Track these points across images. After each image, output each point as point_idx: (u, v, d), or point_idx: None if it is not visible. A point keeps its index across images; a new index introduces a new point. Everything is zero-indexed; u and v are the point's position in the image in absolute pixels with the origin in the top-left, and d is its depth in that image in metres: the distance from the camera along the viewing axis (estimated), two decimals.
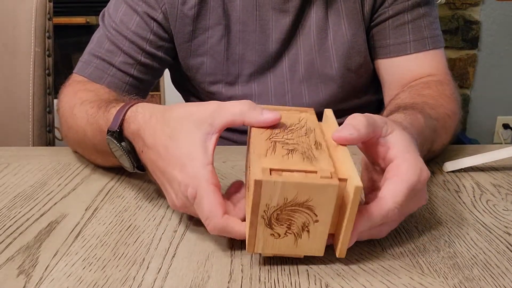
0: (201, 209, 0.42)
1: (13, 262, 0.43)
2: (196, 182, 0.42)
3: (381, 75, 0.81)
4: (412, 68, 0.76)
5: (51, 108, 1.00)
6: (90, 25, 2.22)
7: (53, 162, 0.67)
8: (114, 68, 0.74)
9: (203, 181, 0.42)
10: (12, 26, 0.97)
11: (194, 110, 0.45)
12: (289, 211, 0.38)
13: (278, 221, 0.38)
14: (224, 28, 0.75)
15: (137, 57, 0.74)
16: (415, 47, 0.76)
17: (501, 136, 2.35)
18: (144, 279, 0.40)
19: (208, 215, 0.41)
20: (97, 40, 0.76)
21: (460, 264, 0.42)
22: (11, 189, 0.58)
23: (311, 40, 0.77)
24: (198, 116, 0.44)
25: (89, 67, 0.74)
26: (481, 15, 2.19)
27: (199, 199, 0.42)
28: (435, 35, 0.77)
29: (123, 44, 0.74)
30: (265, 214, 0.38)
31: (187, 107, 0.45)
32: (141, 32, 0.74)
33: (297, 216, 0.38)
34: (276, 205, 0.37)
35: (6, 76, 0.97)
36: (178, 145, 0.44)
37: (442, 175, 0.62)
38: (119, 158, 0.53)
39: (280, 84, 0.79)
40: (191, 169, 0.42)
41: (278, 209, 0.38)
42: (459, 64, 2.25)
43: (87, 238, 0.47)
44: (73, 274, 0.41)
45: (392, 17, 0.76)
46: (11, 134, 0.97)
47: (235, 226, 0.42)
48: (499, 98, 2.30)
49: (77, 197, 0.56)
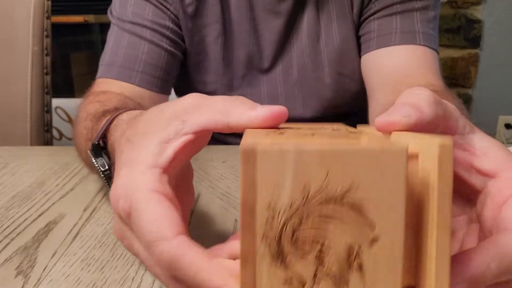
0: (139, 229, 0.25)
1: (11, 262, 0.42)
2: (129, 191, 0.26)
3: (364, 74, 0.70)
4: (400, 63, 0.64)
5: (49, 108, 1.00)
6: (88, 24, 2.22)
7: (51, 162, 0.66)
8: (142, 63, 0.67)
9: (141, 189, 0.25)
10: (10, 24, 0.96)
11: (167, 106, 0.29)
12: (317, 220, 0.19)
13: (297, 244, 0.19)
14: (221, 27, 0.74)
15: (163, 45, 0.68)
16: (402, 38, 0.64)
17: (503, 135, 2.35)
18: (142, 280, 0.40)
19: (149, 237, 0.24)
20: (115, 37, 0.70)
21: None
22: (9, 189, 0.58)
23: (303, 44, 0.75)
24: (169, 112, 0.28)
25: (113, 68, 0.67)
26: (483, 14, 2.18)
27: (135, 215, 0.25)
28: (428, 34, 0.67)
29: (144, 34, 0.67)
30: (270, 231, 0.19)
31: (162, 105, 0.31)
32: (159, 20, 0.69)
33: (332, 231, 0.19)
34: (290, 206, 0.19)
35: (4, 75, 0.97)
36: (131, 148, 0.29)
37: None
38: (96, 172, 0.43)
39: (273, 87, 0.78)
40: (128, 175, 0.27)
41: (296, 214, 0.19)
42: (461, 63, 2.25)
43: (85, 239, 0.46)
44: (71, 274, 0.40)
45: (380, 10, 0.68)
46: (8, 133, 0.97)
47: (200, 260, 0.23)
48: (501, 98, 2.30)
49: (75, 197, 0.56)
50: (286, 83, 0.77)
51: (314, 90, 0.77)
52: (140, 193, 0.25)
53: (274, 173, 0.19)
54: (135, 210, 0.25)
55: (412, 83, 0.60)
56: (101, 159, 0.42)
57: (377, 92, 0.67)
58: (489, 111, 2.32)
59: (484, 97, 2.30)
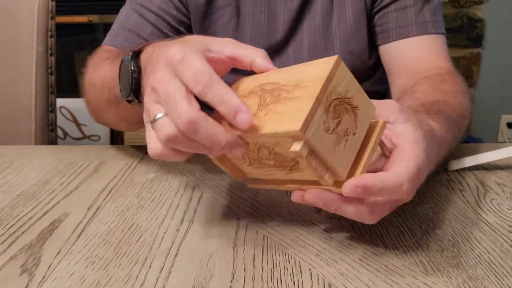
0: (217, 93, 0.37)
1: (16, 261, 0.43)
2: (185, 49, 0.38)
3: (385, 62, 0.81)
4: (415, 52, 0.76)
5: (54, 107, 1.00)
6: (92, 24, 2.23)
7: (55, 161, 0.67)
8: (143, 40, 0.75)
9: (194, 50, 0.38)
10: (15, 25, 0.97)
11: (209, 37, 0.43)
12: (344, 108, 0.37)
13: (334, 111, 0.36)
14: (234, 9, 0.78)
15: (163, 30, 0.77)
16: (417, 29, 0.76)
17: (506, 135, 2.34)
18: (146, 278, 0.40)
19: (199, 70, 0.37)
20: (125, 14, 0.78)
21: (464, 264, 0.42)
22: (14, 187, 0.59)
23: (316, 23, 0.79)
24: (212, 39, 0.42)
25: (118, 39, 0.76)
26: (485, 13, 2.18)
27: (187, 60, 0.37)
28: (437, 21, 0.78)
29: (149, 17, 0.76)
30: (330, 96, 0.36)
31: (205, 37, 0.44)
32: (165, 6, 0.77)
33: (346, 118, 0.37)
34: (340, 94, 0.36)
35: (9, 75, 0.97)
36: (181, 43, 0.41)
37: (446, 174, 0.62)
38: (121, 81, 0.50)
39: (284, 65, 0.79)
40: (181, 46, 0.39)
41: (338, 99, 0.36)
42: (463, 63, 2.24)
43: (89, 237, 0.47)
44: (75, 273, 0.41)
45: (395, 1, 0.77)
46: (13, 132, 0.97)
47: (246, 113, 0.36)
48: (504, 97, 2.29)
49: (80, 196, 0.56)
50: (296, 62, 0.79)
51: None
52: (193, 51, 0.38)
53: (341, 75, 0.36)
54: (188, 57, 0.37)
55: (425, 67, 0.73)
56: (134, 62, 0.47)
57: (397, 77, 0.78)
58: (491, 111, 2.31)
59: (487, 96, 2.29)
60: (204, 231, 0.47)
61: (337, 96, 0.36)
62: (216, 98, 0.36)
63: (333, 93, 0.36)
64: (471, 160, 0.62)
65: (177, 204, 0.54)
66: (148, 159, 0.68)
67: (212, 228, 0.48)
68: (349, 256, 0.42)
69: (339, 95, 0.36)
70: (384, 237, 0.46)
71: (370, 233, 0.47)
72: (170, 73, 0.38)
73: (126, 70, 0.48)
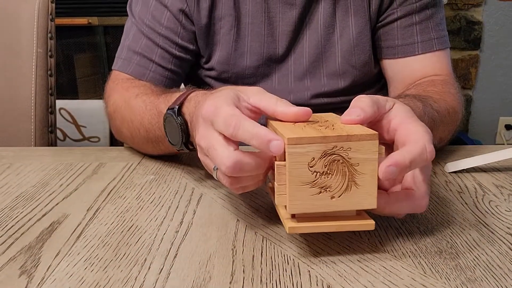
0: (247, 130, 0.40)
1: (15, 262, 0.43)
2: (216, 102, 0.43)
3: (388, 75, 0.82)
4: (419, 68, 0.78)
5: (53, 109, 1.00)
6: (92, 26, 2.23)
7: (55, 163, 0.67)
8: (154, 64, 0.76)
9: (224, 101, 0.43)
10: (15, 27, 0.97)
11: (239, 87, 0.47)
12: (341, 169, 0.39)
13: (330, 163, 0.39)
14: (234, 20, 0.78)
15: (172, 52, 0.77)
16: (422, 48, 0.78)
17: (504, 137, 2.35)
18: (145, 280, 0.40)
19: (255, 132, 0.39)
20: (133, 37, 0.78)
21: (462, 265, 0.42)
22: (13, 189, 0.59)
23: (318, 35, 0.79)
24: (241, 89, 0.46)
25: (131, 64, 0.76)
26: (483, 15, 2.18)
27: (218, 109, 0.42)
28: (442, 36, 0.79)
29: (158, 41, 0.76)
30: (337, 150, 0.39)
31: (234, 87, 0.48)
32: (172, 26, 0.77)
33: (335, 177, 0.39)
34: (348, 156, 0.39)
35: (9, 77, 0.97)
36: (213, 97, 0.45)
37: (444, 176, 0.62)
38: (169, 134, 0.56)
39: (284, 76, 0.81)
40: (214, 99, 0.44)
41: (342, 157, 0.39)
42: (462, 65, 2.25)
43: (89, 239, 0.47)
44: (75, 274, 0.41)
45: (401, 18, 0.78)
46: (13, 134, 0.97)
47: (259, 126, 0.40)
48: (502, 99, 2.30)
49: (79, 197, 0.56)
50: (296, 73, 0.81)
51: (323, 80, 0.81)
52: (224, 101, 0.42)
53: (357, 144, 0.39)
54: (219, 107, 0.42)
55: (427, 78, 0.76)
56: (180, 118, 0.53)
57: (397, 90, 0.80)
58: (489, 113, 2.32)
59: (485, 98, 2.30)
60: (203, 232, 0.47)
61: (343, 154, 0.39)
62: (247, 135, 0.40)
63: (344, 150, 0.39)
64: (469, 162, 0.62)
65: (176, 205, 0.54)
66: (147, 160, 0.68)
67: (211, 230, 0.48)
68: (348, 257, 0.42)
69: (347, 157, 0.39)
70: (383, 238, 0.46)
71: (369, 234, 0.47)
72: (207, 127, 0.43)
73: (174, 126, 0.54)
